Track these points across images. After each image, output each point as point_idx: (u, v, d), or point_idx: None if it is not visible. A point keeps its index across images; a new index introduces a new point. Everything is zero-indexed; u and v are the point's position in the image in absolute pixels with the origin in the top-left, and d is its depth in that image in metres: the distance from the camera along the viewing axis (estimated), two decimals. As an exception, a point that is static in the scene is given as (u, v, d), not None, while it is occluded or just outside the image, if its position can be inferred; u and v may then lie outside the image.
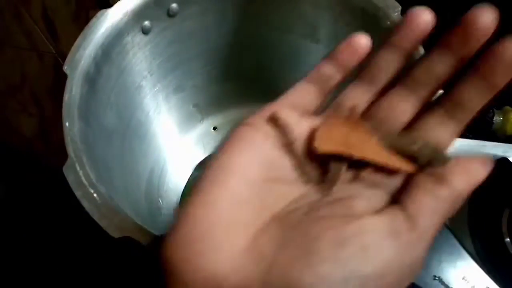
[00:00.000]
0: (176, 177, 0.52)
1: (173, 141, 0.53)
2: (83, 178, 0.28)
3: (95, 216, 0.27)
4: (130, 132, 0.42)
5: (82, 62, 0.34)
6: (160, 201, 0.50)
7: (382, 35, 0.36)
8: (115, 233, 0.26)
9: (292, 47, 0.48)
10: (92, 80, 0.35)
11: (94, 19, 0.36)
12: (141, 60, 0.41)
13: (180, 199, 0.50)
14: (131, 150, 0.43)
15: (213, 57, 0.49)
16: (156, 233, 0.26)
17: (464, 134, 0.56)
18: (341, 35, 0.42)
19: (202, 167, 0.52)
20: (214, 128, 0.56)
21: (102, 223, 0.26)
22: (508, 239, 0.41)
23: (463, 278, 0.27)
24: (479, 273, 0.27)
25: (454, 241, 0.28)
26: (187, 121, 0.54)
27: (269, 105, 0.21)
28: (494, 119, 0.53)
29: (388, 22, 0.36)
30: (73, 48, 0.35)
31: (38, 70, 0.77)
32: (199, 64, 0.49)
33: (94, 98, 0.35)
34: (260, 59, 0.51)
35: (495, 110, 0.54)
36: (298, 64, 0.50)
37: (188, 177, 0.52)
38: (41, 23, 0.69)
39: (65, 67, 0.34)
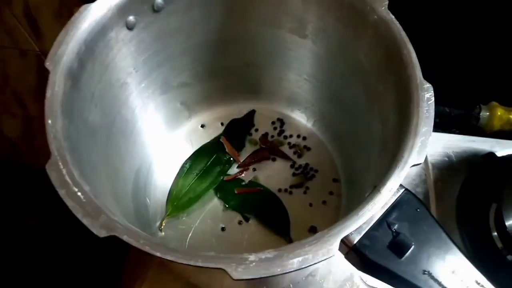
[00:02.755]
0: (164, 176, 0.51)
1: (160, 139, 0.52)
2: (66, 177, 0.27)
3: (79, 214, 0.26)
4: (115, 130, 0.41)
5: (65, 57, 0.33)
6: (148, 200, 0.49)
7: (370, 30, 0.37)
8: (100, 233, 0.25)
9: (280, 42, 0.47)
10: (76, 76, 0.34)
11: (77, 14, 0.35)
12: (125, 56, 0.41)
13: (168, 198, 0.50)
14: (117, 148, 0.42)
15: (200, 53, 0.48)
16: (144, 233, 0.25)
17: (451, 130, 0.57)
18: (329, 30, 0.42)
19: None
20: (202, 126, 0.55)
21: (87, 222, 0.25)
22: (495, 234, 0.42)
23: (452, 272, 0.27)
24: (468, 267, 0.27)
25: (443, 235, 0.28)
26: (175, 119, 0.53)
27: None
28: (480, 114, 0.53)
29: (376, 17, 0.36)
30: (55, 43, 0.34)
31: (21, 69, 0.76)
32: (186, 61, 0.48)
33: (78, 94, 0.34)
34: (248, 55, 0.50)
35: (482, 106, 0.54)
36: (286, 60, 0.49)
37: (176, 174, 0.51)
38: (23, 21, 0.67)
39: (47, 63, 0.33)
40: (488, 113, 0.53)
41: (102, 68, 0.38)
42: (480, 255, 0.42)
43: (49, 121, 0.30)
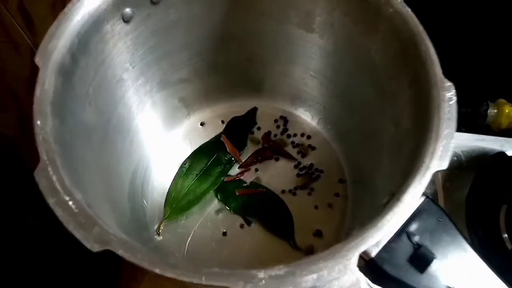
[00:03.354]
0: (161, 177, 0.50)
1: (158, 138, 0.51)
2: (56, 184, 0.25)
3: (70, 226, 0.24)
4: (111, 129, 0.40)
5: (56, 52, 0.31)
6: (144, 202, 0.48)
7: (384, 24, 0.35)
8: (93, 247, 0.23)
9: (285, 36, 0.46)
10: (68, 72, 0.32)
11: (69, 5, 0.33)
12: (122, 51, 0.39)
13: (166, 199, 0.48)
14: (113, 148, 0.41)
15: (200, 49, 0.47)
16: (141, 245, 0.23)
17: (458, 128, 0.56)
18: (337, 24, 0.41)
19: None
20: (202, 124, 0.54)
21: (79, 235, 0.23)
22: (506, 235, 0.41)
23: (479, 288, 0.25)
24: (497, 284, 0.26)
25: (468, 248, 0.26)
26: (173, 117, 0.52)
27: None
28: (488, 112, 0.52)
29: (391, 10, 0.34)
30: (46, 37, 0.32)
31: (16, 64, 0.75)
32: (185, 56, 0.47)
33: (71, 92, 0.32)
34: (250, 50, 0.49)
35: (490, 103, 0.53)
36: (291, 55, 0.48)
37: (174, 175, 0.50)
38: (18, 15, 0.66)
39: (37, 58, 0.31)
40: (496, 111, 0.53)
41: (97, 63, 0.36)
42: (490, 257, 0.41)
43: (38, 122, 0.28)
